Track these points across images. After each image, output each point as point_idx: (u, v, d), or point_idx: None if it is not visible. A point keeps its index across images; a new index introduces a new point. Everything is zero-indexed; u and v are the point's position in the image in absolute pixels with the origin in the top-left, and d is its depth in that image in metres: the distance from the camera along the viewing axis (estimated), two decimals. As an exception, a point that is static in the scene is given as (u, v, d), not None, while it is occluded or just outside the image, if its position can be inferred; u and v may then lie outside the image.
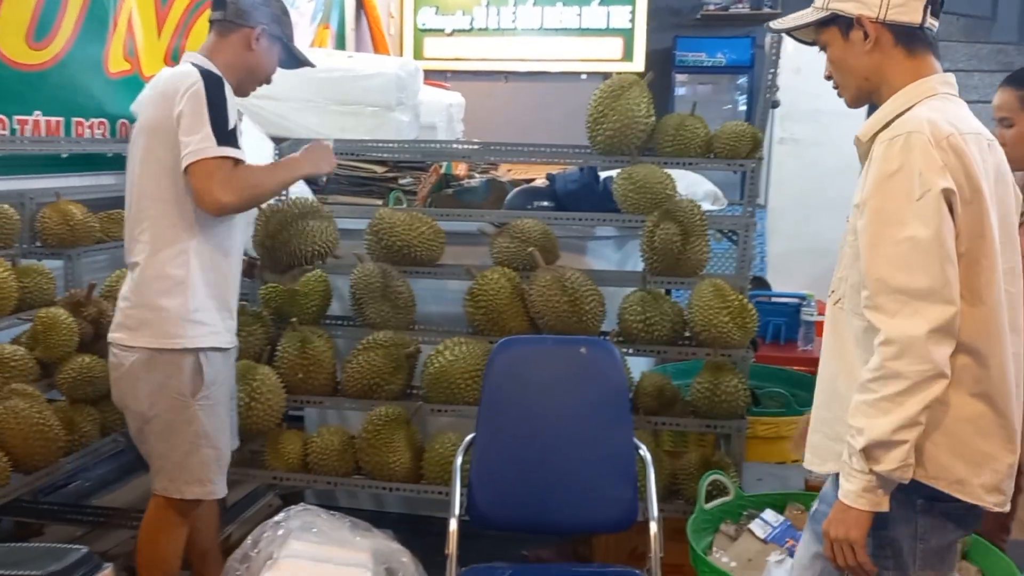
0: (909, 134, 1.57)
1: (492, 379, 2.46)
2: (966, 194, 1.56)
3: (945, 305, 1.52)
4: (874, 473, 1.55)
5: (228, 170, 2.20)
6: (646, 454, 2.42)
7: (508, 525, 2.47)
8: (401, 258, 3.11)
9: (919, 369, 1.51)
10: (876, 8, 1.68)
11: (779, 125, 6.29)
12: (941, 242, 1.53)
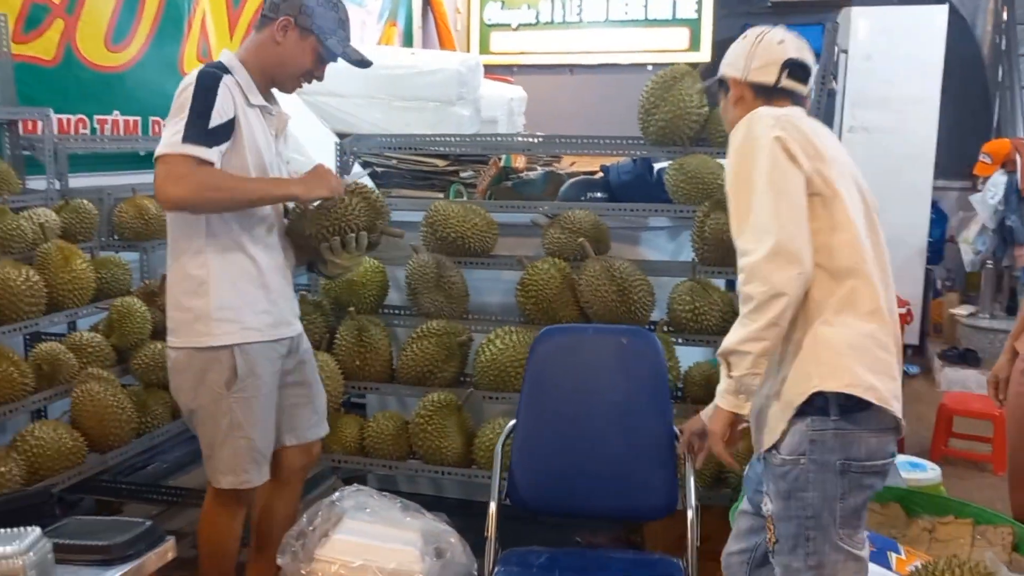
0: (748, 118, 1.95)
1: (534, 367, 2.50)
2: (809, 150, 1.87)
3: (777, 234, 1.79)
4: (731, 377, 1.86)
5: (188, 167, 2.11)
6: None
7: (547, 509, 2.50)
8: (455, 249, 3.19)
9: (761, 290, 1.79)
10: (741, 71, 2.11)
11: (848, 113, 6.18)
12: (771, 182, 1.83)
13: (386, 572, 2.55)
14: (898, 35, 6.08)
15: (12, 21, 3.09)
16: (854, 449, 1.85)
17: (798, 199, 1.84)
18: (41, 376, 2.66)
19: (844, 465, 1.85)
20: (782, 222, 1.81)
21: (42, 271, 2.72)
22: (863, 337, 1.86)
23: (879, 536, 2.55)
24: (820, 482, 1.86)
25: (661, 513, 2.43)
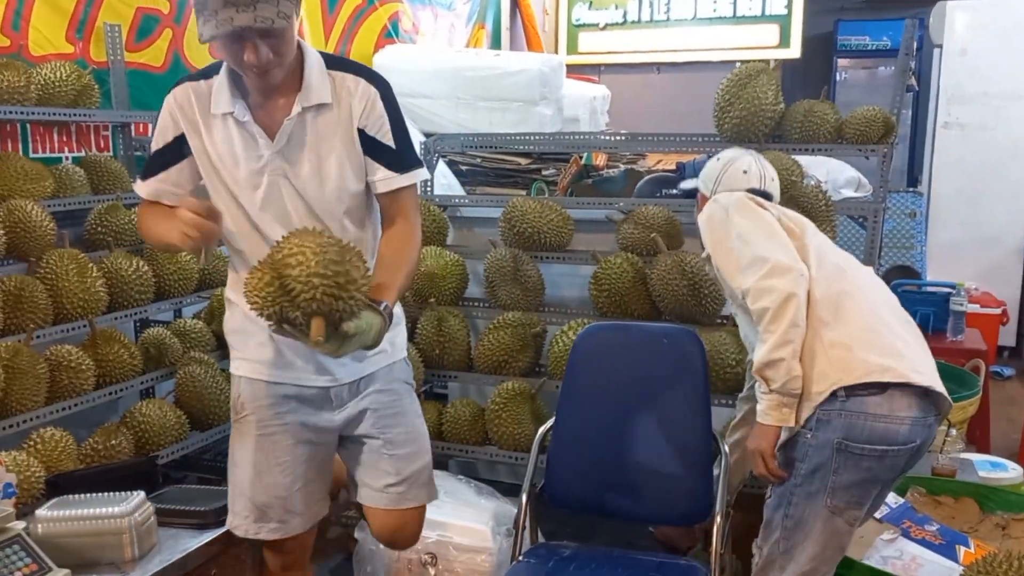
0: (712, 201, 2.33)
1: (575, 364, 2.51)
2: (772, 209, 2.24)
3: (769, 257, 2.05)
4: (773, 392, 2.02)
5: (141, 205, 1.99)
6: (723, 446, 2.43)
7: (580, 506, 2.50)
8: (532, 244, 3.31)
9: (771, 298, 2.00)
10: (709, 190, 2.45)
11: (943, 109, 6.03)
12: (750, 225, 2.15)
13: (460, 548, 2.69)
14: (996, 29, 5.91)
15: (125, 31, 3.34)
16: (855, 432, 2.00)
17: (775, 227, 2.15)
18: (149, 359, 2.89)
19: (841, 444, 2.01)
20: (769, 248, 2.08)
21: (151, 262, 2.95)
22: (864, 330, 2.05)
23: (949, 529, 2.55)
24: (816, 456, 2.05)
25: (695, 518, 2.43)
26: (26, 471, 2.20)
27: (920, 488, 2.77)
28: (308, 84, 1.82)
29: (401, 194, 1.91)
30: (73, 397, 2.55)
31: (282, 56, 1.76)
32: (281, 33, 1.72)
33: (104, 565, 1.87)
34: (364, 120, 1.85)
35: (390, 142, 1.87)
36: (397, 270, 1.85)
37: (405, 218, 1.93)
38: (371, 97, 1.85)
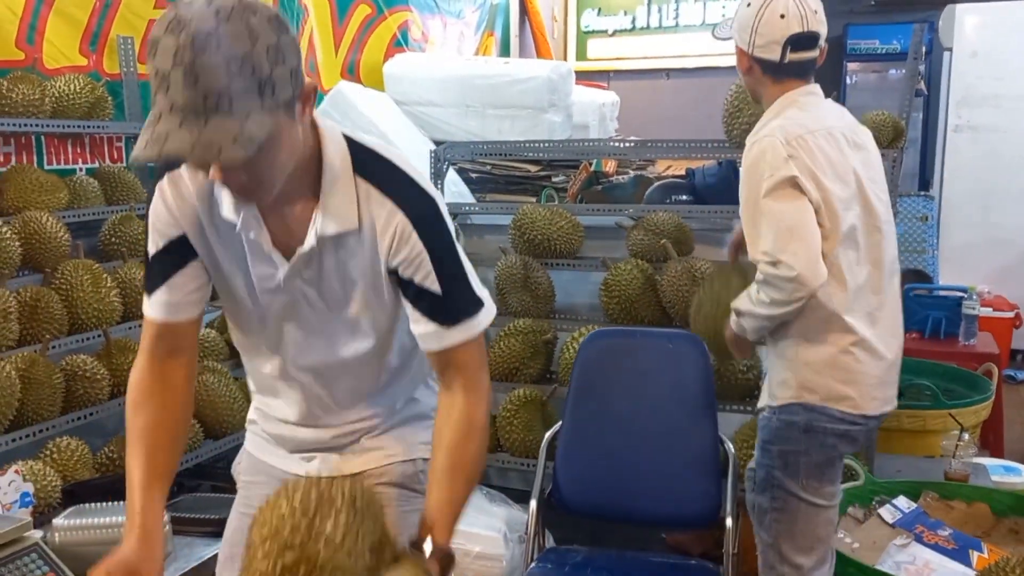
0: (760, 139, 2.08)
1: (581, 369, 2.53)
2: (815, 173, 2.02)
3: (787, 260, 1.97)
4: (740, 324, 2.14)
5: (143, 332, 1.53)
6: (730, 449, 2.45)
7: (588, 511, 2.51)
8: (541, 251, 3.32)
9: (773, 294, 2.01)
10: (747, 45, 2.16)
11: (954, 112, 6.02)
12: (783, 217, 2.01)
13: (471, 554, 2.70)
14: (1005, 31, 5.89)
15: (138, 43, 3.38)
16: (819, 418, 2.10)
17: (804, 222, 2.01)
18: (162, 368, 2.92)
19: (808, 426, 2.10)
20: (788, 249, 1.98)
21: (164, 272, 2.98)
22: (841, 353, 2.08)
23: (962, 534, 2.55)
24: (786, 438, 2.12)
25: (703, 522, 2.45)
26: (43, 480, 2.23)
27: (933, 493, 2.76)
28: (327, 205, 1.36)
29: (457, 352, 1.43)
30: (88, 407, 2.57)
31: (265, 183, 1.29)
32: (251, 161, 1.22)
33: (120, 573, 1.88)
34: (394, 259, 1.39)
35: (434, 286, 1.39)
36: (455, 479, 1.40)
37: (465, 384, 1.44)
38: (401, 231, 1.37)
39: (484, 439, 1.46)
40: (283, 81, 1.20)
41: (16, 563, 1.76)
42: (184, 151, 1.16)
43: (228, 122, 1.16)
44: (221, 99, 1.15)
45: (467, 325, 1.42)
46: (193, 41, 1.13)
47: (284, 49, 1.20)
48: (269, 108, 1.20)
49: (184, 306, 1.47)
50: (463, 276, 1.43)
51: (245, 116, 1.17)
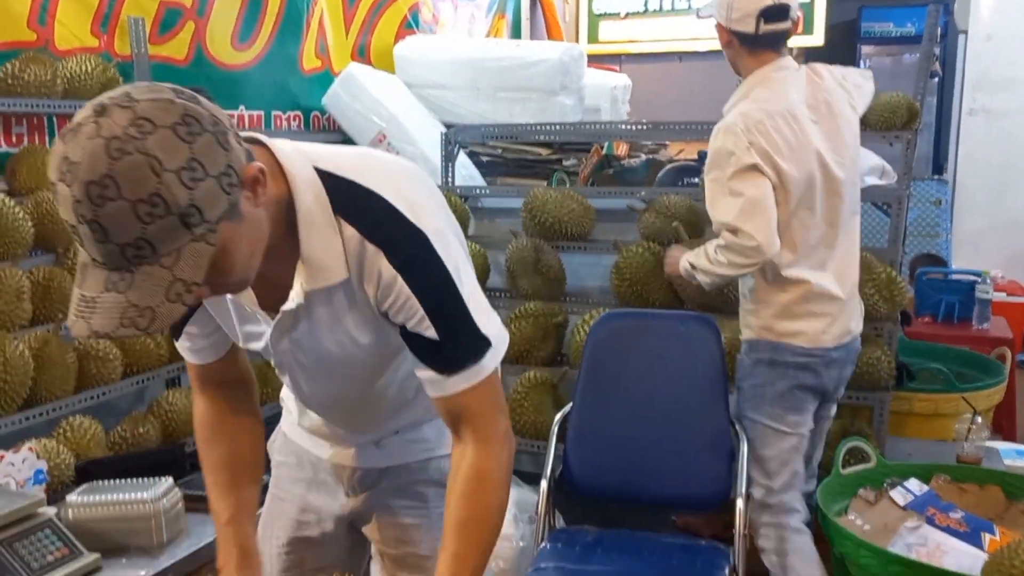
0: (726, 126, 2.39)
1: (592, 350, 2.54)
2: (773, 152, 2.33)
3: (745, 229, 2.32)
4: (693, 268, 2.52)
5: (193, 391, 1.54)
6: (741, 431, 2.46)
7: (599, 492, 2.53)
8: (553, 234, 3.31)
9: (730, 259, 2.38)
10: (725, 19, 2.42)
11: (968, 96, 5.97)
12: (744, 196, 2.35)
13: (482, 535, 2.70)
14: (1022, 14, 5.83)
15: (149, 24, 3.37)
16: (780, 352, 2.45)
17: (763, 203, 2.33)
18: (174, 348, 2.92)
19: (771, 360, 2.46)
20: (748, 224, 2.31)
21: (175, 253, 2.98)
22: (795, 299, 2.44)
23: (974, 517, 2.54)
24: (753, 374, 2.49)
25: (713, 503, 2.47)
26: (56, 458, 2.24)
27: (945, 476, 2.75)
28: (308, 258, 1.22)
29: (463, 399, 1.28)
30: (101, 386, 2.58)
31: (236, 282, 1.16)
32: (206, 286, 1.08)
33: (134, 549, 1.90)
34: (383, 305, 1.26)
35: (429, 332, 1.24)
36: (462, 534, 1.27)
37: (475, 435, 1.29)
38: (384, 277, 1.22)
39: (498, 491, 1.31)
40: (210, 197, 1.02)
41: (30, 538, 1.77)
42: (111, 327, 1.01)
43: (156, 272, 1.01)
44: (142, 249, 0.99)
45: (470, 372, 1.26)
46: (87, 193, 0.96)
47: (201, 158, 1.01)
48: (202, 233, 1.03)
49: (208, 350, 1.43)
50: (463, 316, 1.26)
51: (174, 258, 1.01)
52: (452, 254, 1.24)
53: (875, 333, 2.99)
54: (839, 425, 3.00)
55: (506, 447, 1.31)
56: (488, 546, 1.29)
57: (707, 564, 2.28)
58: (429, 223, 1.22)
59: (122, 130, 0.97)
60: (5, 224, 2.43)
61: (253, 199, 1.09)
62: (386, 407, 1.48)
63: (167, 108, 1.00)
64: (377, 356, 1.36)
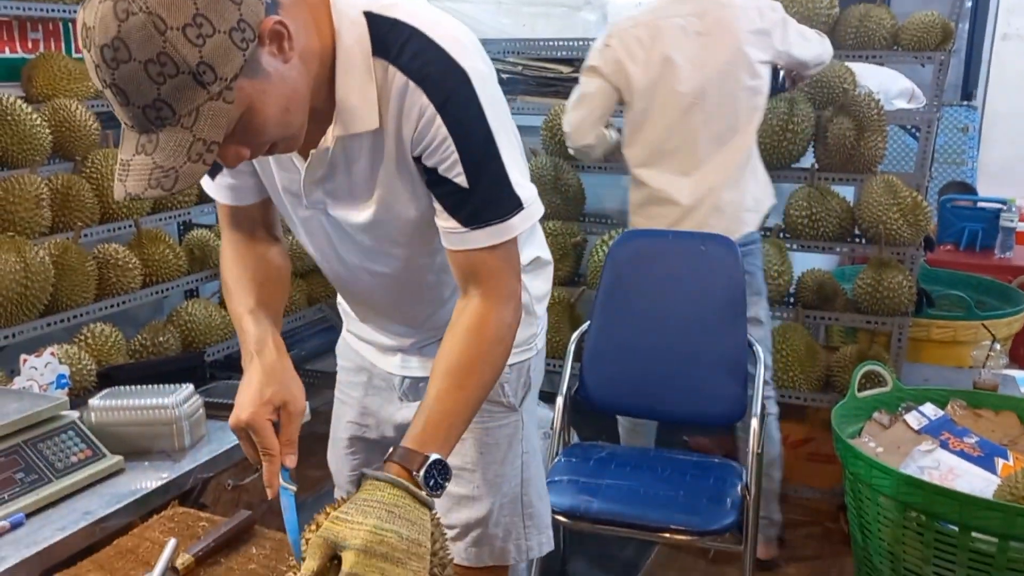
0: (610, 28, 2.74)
1: (611, 269, 2.52)
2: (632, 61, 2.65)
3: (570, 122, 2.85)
4: None
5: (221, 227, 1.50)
6: (759, 350, 2.44)
7: (613, 408, 2.57)
8: (573, 152, 3.26)
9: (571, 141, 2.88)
10: None
11: (1003, 20, 5.77)
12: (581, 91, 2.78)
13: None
14: (1064, -67, 5.61)
15: None
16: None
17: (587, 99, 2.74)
18: (193, 260, 2.93)
19: None
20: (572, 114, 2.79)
21: (194, 164, 2.97)
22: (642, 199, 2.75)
23: (988, 442, 2.54)
24: None
25: (728, 420, 2.48)
26: (78, 364, 2.27)
27: (961, 401, 2.75)
28: (343, 103, 1.18)
29: (480, 256, 1.22)
30: (121, 295, 2.60)
31: (273, 143, 1.13)
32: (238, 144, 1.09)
33: (155, 453, 1.93)
34: (418, 147, 1.20)
35: (459, 179, 1.18)
36: (446, 383, 1.20)
37: (484, 291, 1.24)
38: (424, 116, 1.17)
39: (495, 346, 1.24)
40: (222, 54, 0.99)
41: (54, 439, 1.80)
42: (140, 188, 1.04)
43: (177, 133, 1.01)
44: (161, 110, 1.00)
45: (495, 229, 1.20)
46: (103, 57, 0.97)
47: (208, 13, 0.97)
48: (219, 91, 1.01)
49: (246, 191, 1.40)
50: (499, 170, 1.19)
51: (193, 118, 1.01)
52: (494, 104, 1.20)
53: (897, 258, 2.96)
54: (856, 349, 2.99)
55: (512, 308, 1.26)
56: (473, 399, 1.22)
57: (719, 481, 2.31)
58: (472, 64, 1.17)
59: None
60: (22, 131, 2.42)
61: (279, 54, 1.06)
62: (423, 298, 1.43)
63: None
64: (410, 224, 1.30)
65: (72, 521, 1.67)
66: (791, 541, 3.02)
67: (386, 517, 1.04)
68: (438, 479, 1.12)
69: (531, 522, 1.56)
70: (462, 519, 1.52)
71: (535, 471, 1.57)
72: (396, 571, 1.01)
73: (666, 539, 2.19)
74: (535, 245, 1.55)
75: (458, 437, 1.21)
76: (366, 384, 1.61)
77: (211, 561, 1.31)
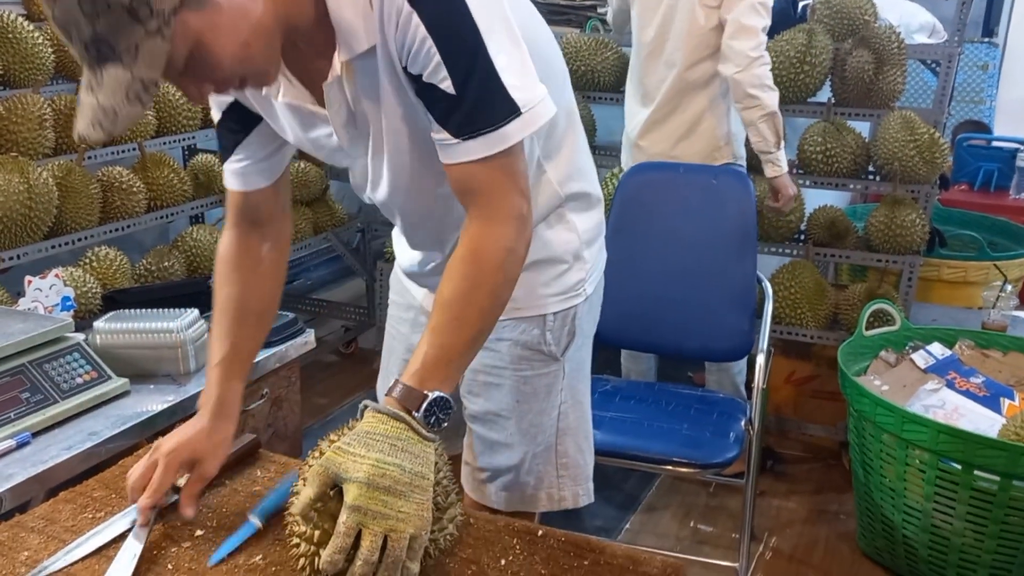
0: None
1: (621, 203, 2.47)
2: None
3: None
4: None
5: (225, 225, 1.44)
6: (767, 286, 2.43)
7: (620, 342, 2.54)
8: (584, 83, 3.20)
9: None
10: None
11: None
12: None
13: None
14: None
15: None
16: None
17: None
18: (198, 185, 2.90)
19: None
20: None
21: (198, 88, 2.92)
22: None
23: (995, 382, 2.54)
24: None
25: (737, 355, 2.47)
26: (83, 287, 2.26)
27: (969, 341, 2.74)
28: (338, 24, 1.10)
29: (474, 170, 1.13)
30: (125, 219, 2.58)
31: (233, 76, 1.06)
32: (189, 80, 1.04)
33: (160, 377, 1.93)
34: (403, 55, 1.11)
35: (445, 84, 1.09)
36: (446, 323, 1.13)
37: (480, 211, 1.16)
38: (401, 15, 1.07)
39: (495, 274, 1.14)
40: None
41: (59, 360, 1.80)
42: (84, 128, 0.98)
43: (118, 71, 0.95)
44: (100, 47, 0.94)
45: (487, 139, 1.10)
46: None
47: None
48: (157, 27, 0.94)
49: (256, 175, 1.34)
50: (487, 71, 1.07)
51: (133, 55, 0.95)
52: (485, 1, 1.08)
53: (912, 195, 2.91)
54: (866, 288, 2.97)
55: (514, 228, 1.15)
56: (475, 332, 1.15)
57: (724, 415, 2.31)
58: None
59: None
60: (24, 49, 2.37)
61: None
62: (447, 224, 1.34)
63: None
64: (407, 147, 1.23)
65: (78, 441, 1.67)
66: (794, 476, 3.04)
67: (389, 451, 1.02)
68: (439, 415, 1.08)
69: (565, 472, 1.51)
70: (493, 464, 1.49)
71: (575, 422, 1.51)
72: (399, 503, 1.01)
73: (669, 471, 2.20)
74: (581, 178, 1.43)
75: (461, 371, 1.17)
76: (412, 322, 1.56)
77: (216, 482, 1.31)
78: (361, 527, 0.99)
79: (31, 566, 1.11)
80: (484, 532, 1.22)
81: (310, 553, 1.03)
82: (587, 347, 1.53)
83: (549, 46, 1.33)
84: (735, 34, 2.56)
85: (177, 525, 1.21)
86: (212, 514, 1.24)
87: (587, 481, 1.56)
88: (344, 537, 0.99)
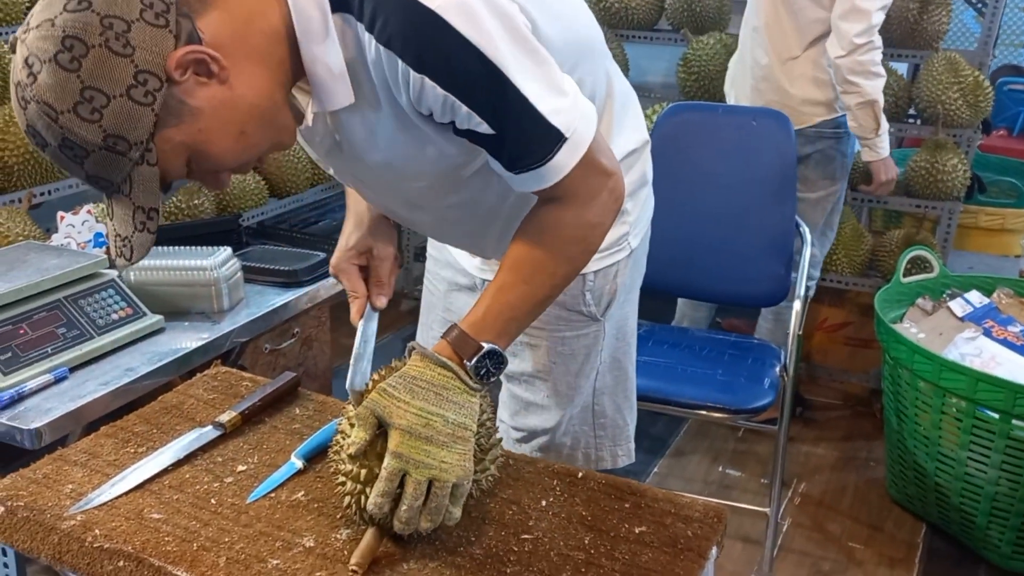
0: None
1: (656, 143, 2.41)
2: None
3: None
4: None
5: None
6: (805, 231, 2.37)
7: (656, 288, 2.42)
8: (618, 20, 3.13)
9: None
10: None
11: None
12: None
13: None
14: None
15: None
16: None
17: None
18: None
19: None
20: None
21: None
22: None
23: (1028, 331, 2.50)
24: None
25: (772, 301, 2.42)
26: (115, 224, 2.25)
27: (1008, 289, 2.69)
28: (312, 78, 1.00)
29: (543, 192, 1.08)
30: (156, 156, 2.56)
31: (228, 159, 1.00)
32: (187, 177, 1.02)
33: (194, 314, 1.93)
34: (424, 109, 1.02)
35: (481, 128, 1.01)
36: (520, 288, 1.09)
37: (566, 203, 1.09)
38: (411, 81, 0.98)
39: (571, 248, 1.11)
40: (125, 117, 0.90)
41: (95, 296, 1.80)
42: (119, 263, 1.01)
43: (123, 201, 0.96)
44: (99, 182, 0.95)
45: (539, 173, 1.04)
46: (33, 139, 0.94)
47: (94, 83, 0.88)
48: (139, 155, 0.92)
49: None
50: (523, 105, 0.99)
51: (129, 185, 0.94)
52: (489, 30, 0.97)
53: (953, 140, 2.84)
54: (903, 234, 2.92)
55: (600, 203, 1.10)
56: (540, 296, 1.11)
57: (758, 361, 2.29)
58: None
59: (21, 74, 0.91)
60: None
61: (210, 79, 0.93)
62: (492, 227, 1.28)
63: (47, 35, 0.88)
64: (427, 173, 1.15)
65: (115, 377, 1.68)
66: (823, 423, 3.03)
67: (433, 400, 1.01)
68: (491, 368, 1.06)
69: (603, 432, 1.49)
70: (529, 425, 1.46)
71: (614, 381, 1.47)
72: (441, 453, 1.00)
73: (703, 416, 2.18)
74: (628, 129, 1.37)
75: (518, 331, 1.13)
76: (450, 281, 1.51)
77: (256, 420, 1.31)
78: (404, 473, 1.00)
79: (76, 499, 1.12)
80: (524, 473, 1.21)
81: (356, 492, 1.03)
82: (631, 302, 1.49)
83: (576, 20, 1.21)
84: (846, 14, 2.43)
85: (219, 461, 1.21)
86: (253, 451, 1.24)
87: (627, 442, 1.54)
88: (388, 482, 0.99)
